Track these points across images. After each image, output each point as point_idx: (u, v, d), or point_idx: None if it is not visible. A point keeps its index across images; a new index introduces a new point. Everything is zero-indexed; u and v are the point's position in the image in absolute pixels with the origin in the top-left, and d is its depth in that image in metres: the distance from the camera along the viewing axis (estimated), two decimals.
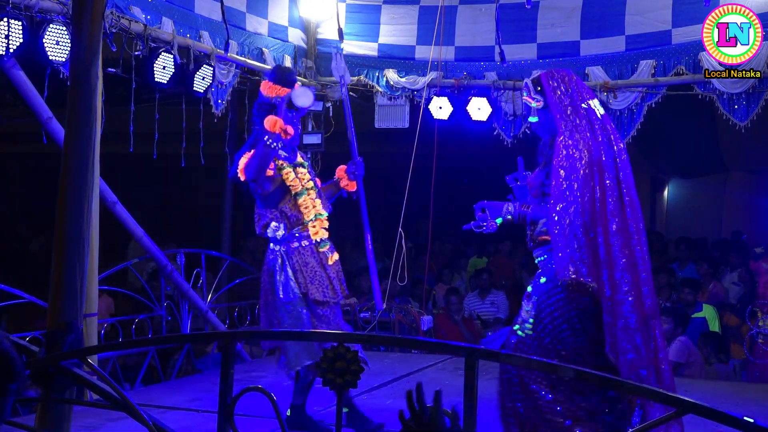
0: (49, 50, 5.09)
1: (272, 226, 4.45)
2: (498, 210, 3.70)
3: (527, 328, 3.51)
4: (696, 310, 7.50)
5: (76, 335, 2.76)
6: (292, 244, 4.44)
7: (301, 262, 4.43)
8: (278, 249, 4.48)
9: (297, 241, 4.45)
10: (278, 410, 2.42)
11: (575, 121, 3.52)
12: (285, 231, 4.44)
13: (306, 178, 4.53)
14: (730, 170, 12.51)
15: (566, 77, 3.64)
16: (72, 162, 2.85)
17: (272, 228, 4.45)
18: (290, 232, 4.44)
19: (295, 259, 4.42)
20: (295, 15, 7.82)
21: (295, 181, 4.46)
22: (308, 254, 4.46)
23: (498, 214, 3.70)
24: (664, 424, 3.29)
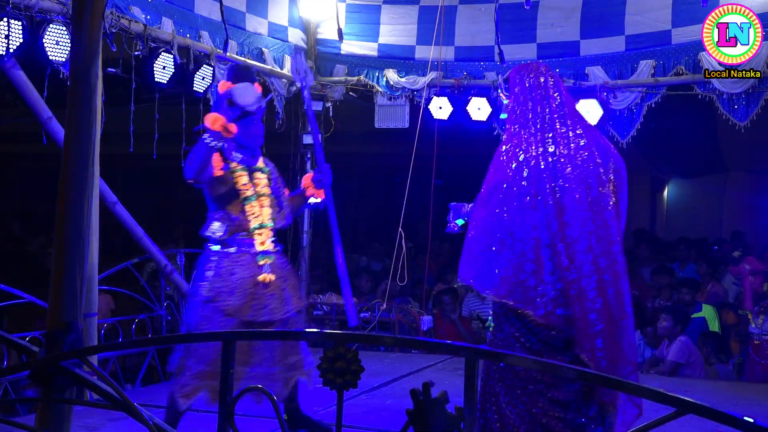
0: (49, 50, 5.10)
1: (214, 226, 4.17)
2: (458, 211, 3.72)
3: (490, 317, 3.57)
4: (695, 310, 7.51)
5: (76, 335, 2.76)
6: (229, 248, 4.14)
7: (228, 270, 4.10)
8: (214, 248, 4.18)
9: (236, 246, 4.14)
10: (278, 410, 2.42)
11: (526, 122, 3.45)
12: (225, 234, 4.13)
13: (261, 184, 4.25)
14: (730, 170, 12.52)
15: (538, 75, 3.51)
16: (72, 162, 2.85)
17: (212, 228, 4.17)
18: (231, 236, 4.14)
19: (224, 264, 4.11)
20: (295, 15, 7.82)
21: (247, 185, 4.18)
22: (240, 265, 4.12)
23: (458, 216, 3.72)
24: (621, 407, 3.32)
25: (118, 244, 9.80)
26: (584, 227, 3.30)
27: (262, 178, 4.28)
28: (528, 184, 3.34)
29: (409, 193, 6.92)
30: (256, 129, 4.24)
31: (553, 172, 3.35)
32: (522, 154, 3.38)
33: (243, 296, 4.07)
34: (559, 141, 3.39)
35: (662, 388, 1.96)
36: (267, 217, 4.21)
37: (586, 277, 3.26)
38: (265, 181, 4.29)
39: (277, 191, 4.38)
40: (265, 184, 4.28)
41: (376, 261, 10.11)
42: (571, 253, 3.27)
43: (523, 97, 3.48)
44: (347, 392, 2.25)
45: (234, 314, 4.05)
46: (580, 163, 3.37)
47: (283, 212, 4.35)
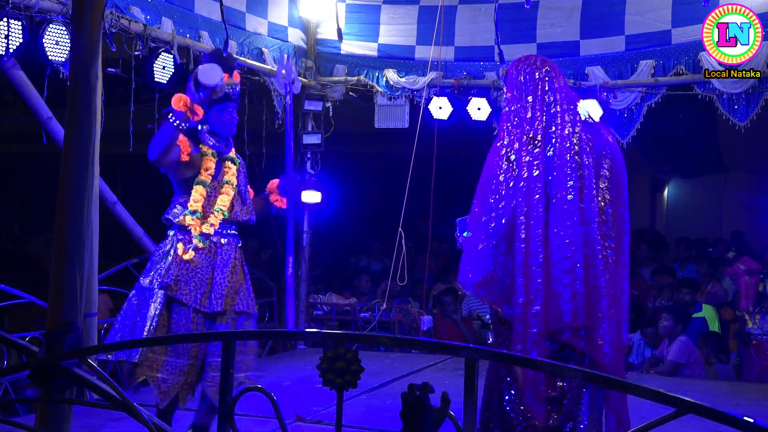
0: (49, 50, 5.10)
1: (175, 209, 4.06)
2: (464, 225, 3.72)
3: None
4: (695, 310, 7.51)
5: (76, 335, 2.76)
6: (188, 234, 4.01)
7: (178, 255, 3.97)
8: (172, 234, 4.06)
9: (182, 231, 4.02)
10: (278, 410, 2.42)
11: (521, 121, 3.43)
12: (182, 218, 4.01)
13: (230, 173, 4.13)
14: (730, 170, 12.52)
15: (533, 70, 3.48)
16: (72, 162, 2.85)
17: (174, 212, 4.05)
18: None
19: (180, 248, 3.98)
20: (294, 15, 7.82)
21: (209, 171, 4.04)
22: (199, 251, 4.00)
23: (464, 229, 3.71)
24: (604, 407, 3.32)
25: (118, 244, 9.80)
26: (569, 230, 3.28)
27: (231, 168, 4.16)
28: (515, 185, 3.33)
29: (409, 193, 6.92)
30: (229, 117, 4.12)
31: (543, 174, 3.33)
32: (513, 154, 3.36)
33: (201, 285, 3.96)
34: (551, 140, 3.37)
35: (662, 388, 1.96)
36: (222, 204, 4.06)
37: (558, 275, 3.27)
38: (234, 171, 4.16)
39: (244, 186, 4.25)
40: (233, 174, 4.15)
41: (376, 261, 10.11)
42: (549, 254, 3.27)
43: (517, 92, 3.46)
44: (347, 392, 2.25)
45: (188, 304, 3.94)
46: (569, 162, 3.34)
47: (246, 208, 4.20)
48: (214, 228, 4.02)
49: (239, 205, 4.16)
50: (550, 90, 3.44)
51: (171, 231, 4.06)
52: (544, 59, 3.56)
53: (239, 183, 4.19)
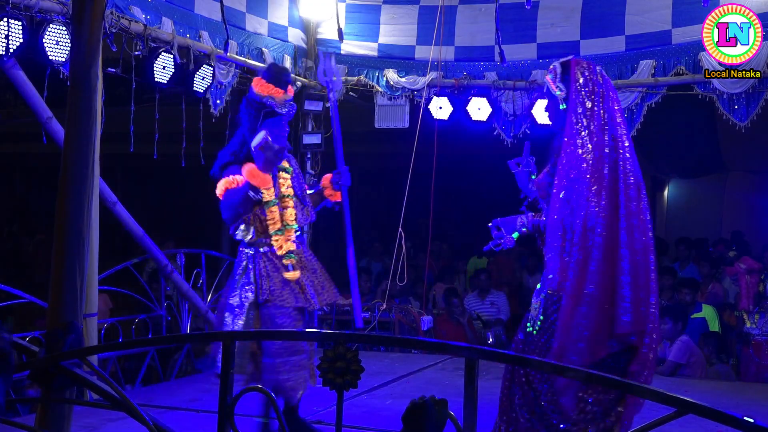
0: (49, 50, 5.10)
1: (241, 229, 4.15)
2: (512, 225, 3.70)
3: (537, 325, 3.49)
4: (696, 310, 7.51)
5: (76, 335, 2.76)
6: (260, 248, 4.13)
7: (271, 267, 4.12)
8: (246, 251, 4.18)
9: (266, 247, 4.14)
10: (278, 410, 2.42)
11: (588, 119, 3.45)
12: (254, 236, 4.13)
13: (286, 185, 4.22)
14: (730, 170, 12.51)
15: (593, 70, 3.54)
16: (72, 162, 2.85)
17: (241, 230, 4.14)
18: (260, 237, 4.14)
19: (262, 264, 4.12)
20: (295, 15, 7.82)
21: (270, 189, 4.14)
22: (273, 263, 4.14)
23: (513, 229, 3.70)
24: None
25: (118, 244, 9.80)
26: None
27: (286, 179, 4.25)
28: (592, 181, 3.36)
29: (409, 193, 6.92)
30: (282, 131, 4.18)
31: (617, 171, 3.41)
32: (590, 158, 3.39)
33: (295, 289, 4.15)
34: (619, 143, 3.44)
35: (662, 388, 1.96)
36: (290, 218, 4.20)
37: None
38: (289, 182, 4.26)
39: (300, 188, 4.36)
40: (289, 185, 4.25)
41: (376, 261, 10.12)
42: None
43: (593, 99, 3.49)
44: (347, 392, 2.25)
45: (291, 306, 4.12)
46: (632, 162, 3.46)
47: (306, 209, 4.35)
48: (293, 243, 4.19)
49: (300, 211, 4.28)
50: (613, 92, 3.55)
51: (246, 249, 4.16)
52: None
53: (296, 189, 4.29)
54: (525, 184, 3.80)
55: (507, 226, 3.71)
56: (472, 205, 12.26)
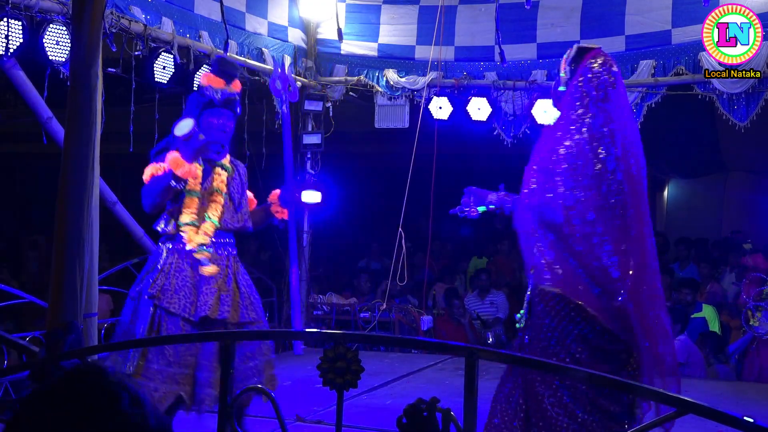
0: (49, 50, 5.10)
1: (163, 220, 4.00)
2: (483, 199, 3.63)
3: (523, 322, 3.47)
4: (696, 310, 7.51)
5: (76, 335, 2.76)
6: (177, 244, 3.94)
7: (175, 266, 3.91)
8: (161, 245, 4.02)
9: (180, 242, 3.94)
10: (278, 410, 2.42)
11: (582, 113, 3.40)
12: (171, 228, 3.94)
13: (218, 180, 4.05)
14: (730, 170, 12.51)
15: (605, 67, 3.46)
16: (72, 162, 2.85)
17: (161, 224, 4.00)
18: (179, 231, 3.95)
19: (169, 260, 3.92)
20: (294, 15, 7.82)
21: (197, 178, 3.97)
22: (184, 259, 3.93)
23: (482, 203, 3.64)
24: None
25: (118, 244, 9.79)
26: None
27: (221, 174, 4.08)
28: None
29: (409, 193, 6.91)
30: (218, 122, 4.05)
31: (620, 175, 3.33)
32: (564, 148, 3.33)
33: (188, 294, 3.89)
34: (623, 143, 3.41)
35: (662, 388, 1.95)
36: (213, 212, 4.00)
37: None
38: (224, 178, 4.09)
39: (239, 193, 4.17)
40: (222, 181, 4.07)
41: (376, 261, 10.12)
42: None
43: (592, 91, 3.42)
44: (347, 392, 2.25)
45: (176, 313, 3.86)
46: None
47: (240, 215, 4.12)
48: (208, 237, 3.95)
49: (230, 212, 4.08)
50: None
51: (163, 243, 4.00)
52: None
53: (231, 190, 4.11)
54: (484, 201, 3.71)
55: (478, 198, 3.65)
56: None
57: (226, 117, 4.07)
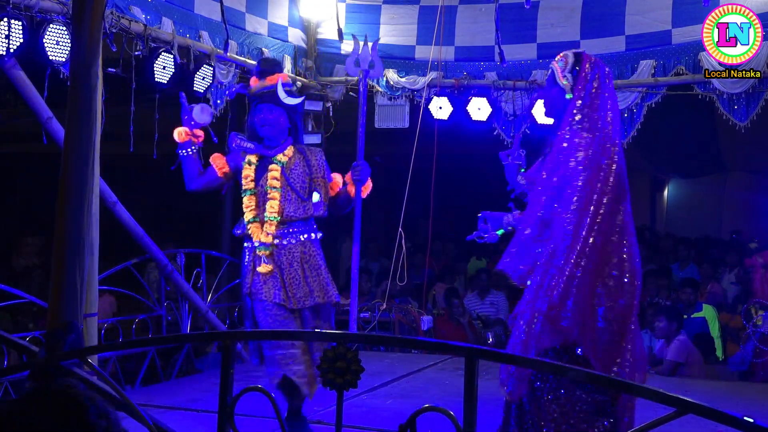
0: (49, 50, 5.09)
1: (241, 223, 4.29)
2: (499, 222, 3.70)
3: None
4: (696, 310, 7.51)
5: (76, 335, 2.76)
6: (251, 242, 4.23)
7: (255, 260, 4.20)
8: (246, 245, 4.29)
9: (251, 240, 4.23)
10: (278, 410, 2.42)
11: (588, 118, 3.44)
12: (243, 229, 4.23)
13: (271, 175, 4.20)
14: (730, 170, 12.52)
15: (602, 69, 3.57)
16: (72, 162, 2.85)
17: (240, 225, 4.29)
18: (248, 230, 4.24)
19: (247, 258, 4.23)
20: (295, 15, 7.82)
21: (246, 178, 4.22)
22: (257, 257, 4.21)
23: (499, 226, 3.70)
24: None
25: (118, 244, 9.79)
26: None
27: (274, 170, 4.21)
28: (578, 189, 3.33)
29: (409, 193, 6.91)
30: (257, 119, 4.23)
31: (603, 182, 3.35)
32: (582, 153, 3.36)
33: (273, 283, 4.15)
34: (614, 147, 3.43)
35: (662, 388, 1.96)
36: (271, 210, 4.16)
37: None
38: (276, 174, 4.20)
39: (303, 182, 4.28)
40: (274, 176, 4.20)
41: (375, 261, 10.12)
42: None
43: (596, 93, 3.48)
44: (347, 392, 2.25)
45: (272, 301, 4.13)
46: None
47: (307, 203, 4.25)
48: (271, 235, 4.15)
49: (293, 204, 4.21)
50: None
51: (246, 243, 4.27)
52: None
53: (291, 182, 4.22)
54: (513, 176, 3.80)
55: (494, 221, 3.71)
56: (472, 205, 12.22)
57: (266, 111, 4.22)
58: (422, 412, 2.19)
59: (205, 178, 4.28)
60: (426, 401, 2.42)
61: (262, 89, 4.23)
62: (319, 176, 4.35)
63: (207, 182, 4.29)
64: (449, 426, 2.17)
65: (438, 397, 5.39)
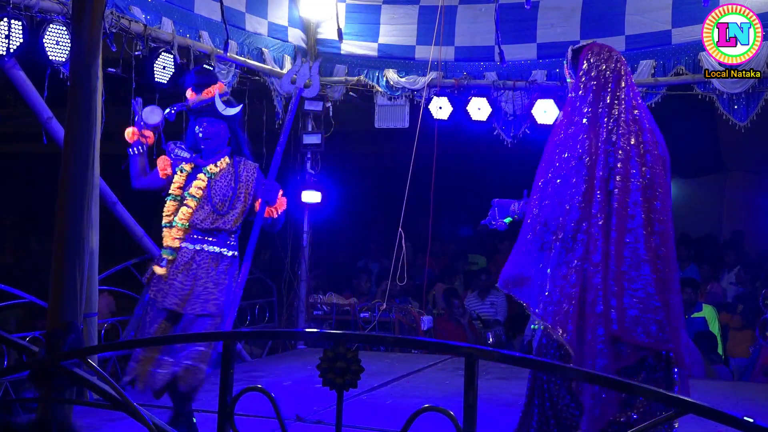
0: (49, 50, 5.10)
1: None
2: (506, 209, 3.67)
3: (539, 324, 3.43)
4: (696, 310, 7.51)
5: (76, 335, 2.76)
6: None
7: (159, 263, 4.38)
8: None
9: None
10: (278, 410, 2.42)
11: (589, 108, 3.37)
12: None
13: (195, 185, 4.31)
14: (730, 170, 12.51)
15: (607, 57, 3.42)
16: (72, 162, 2.85)
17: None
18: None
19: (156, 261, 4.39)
20: (294, 15, 7.82)
21: (175, 183, 4.36)
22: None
23: (506, 214, 3.68)
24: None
25: (118, 244, 9.79)
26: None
27: (200, 179, 4.32)
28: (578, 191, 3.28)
29: (409, 193, 6.92)
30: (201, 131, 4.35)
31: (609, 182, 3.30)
32: (587, 157, 3.29)
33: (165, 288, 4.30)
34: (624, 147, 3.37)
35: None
36: (182, 217, 4.28)
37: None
38: (201, 183, 4.31)
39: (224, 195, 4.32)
40: (198, 186, 4.30)
41: (375, 261, 10.11)
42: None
43: (596, 86, 3.39)
44: (347, 392, 2.25)
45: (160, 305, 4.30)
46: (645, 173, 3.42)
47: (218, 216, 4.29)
48: (178, 240, 4.28)
49: (203, 213, 4.29)
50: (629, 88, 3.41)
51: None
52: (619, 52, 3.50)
53: (212, 193, 4.30)
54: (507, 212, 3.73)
55: (502, 209, 3.69)
56: (472, 205, 12.23)
57: (207, 124, 4.34)
58: (422, 412, 2.19)
59: (149, 178, 4.44)
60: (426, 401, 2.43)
61: (200, 103, 4.34)
62: (243, 191, 4.38)
63: (150, 182, 4.44)
64: (449, 426, 2.17)
65: (438, 397, 5.39)
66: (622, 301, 3.17)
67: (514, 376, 5.66)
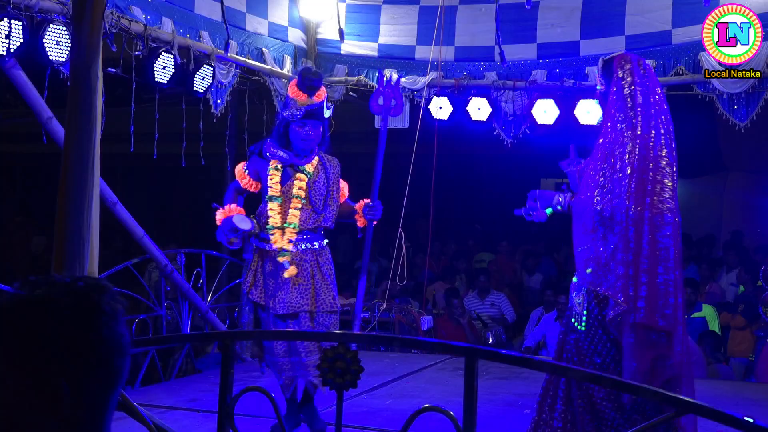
0: (49, 50, 5.09)
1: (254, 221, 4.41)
2: (549, 200, 3.70)
3: (583, 321, 3.42)
4: (696, 309, 7.51)
5: None
6: (261, 244, 4.38)
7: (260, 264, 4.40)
8: (252, 246, 4.46)
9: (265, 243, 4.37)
10: (278, 410, 2.42)
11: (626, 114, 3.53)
12: (251, 227, 4.33)
13: (298, 186, 4.38)
14: (730, 170, 12.51)
15: (634, 66, 3.66)
16: (72, 162, 2.85)
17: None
18: (261, 232, 4.37)
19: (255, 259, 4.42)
20: (295, 15, 7.82)
21: (275, 185, 4.37)
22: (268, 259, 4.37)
23: (548, 204, 3.69)
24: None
25: (118, 244, 9.79)
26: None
27: (301, 179, 4.38)
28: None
29: (409, 193, 6.91)
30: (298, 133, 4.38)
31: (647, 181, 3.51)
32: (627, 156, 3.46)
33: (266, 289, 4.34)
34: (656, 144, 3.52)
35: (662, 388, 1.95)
36: (293, 218, 4.33)
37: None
38: (302, 184, 4.38)
39: (323, 193, 4.46)
40: (300, 187, 4.37)
41: (375, 261, 10.11)
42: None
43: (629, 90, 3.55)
44: (347, 392, 2.25)
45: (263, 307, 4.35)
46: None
47: (320, 216, 4.41)
48: (292, 242, 4.33)
49: (308, 213, 4.38)
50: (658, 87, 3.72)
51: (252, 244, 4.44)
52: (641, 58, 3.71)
53: (312, 193, 4.40)
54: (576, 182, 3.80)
55: (543, 199, 3.71)
56: (472, 205, 12.27)
57: (310, 126, 4.40)
58: (422, 411, 2.19)
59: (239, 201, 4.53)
60: (426, 401, 2.43)
61: (312, 107, 4.39)
62: (334, 189, 4.53)
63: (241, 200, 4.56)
64: (449, 426, 2.17)
65: (438, 397, 5.39)
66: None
67: (514, 376, 5.66)
